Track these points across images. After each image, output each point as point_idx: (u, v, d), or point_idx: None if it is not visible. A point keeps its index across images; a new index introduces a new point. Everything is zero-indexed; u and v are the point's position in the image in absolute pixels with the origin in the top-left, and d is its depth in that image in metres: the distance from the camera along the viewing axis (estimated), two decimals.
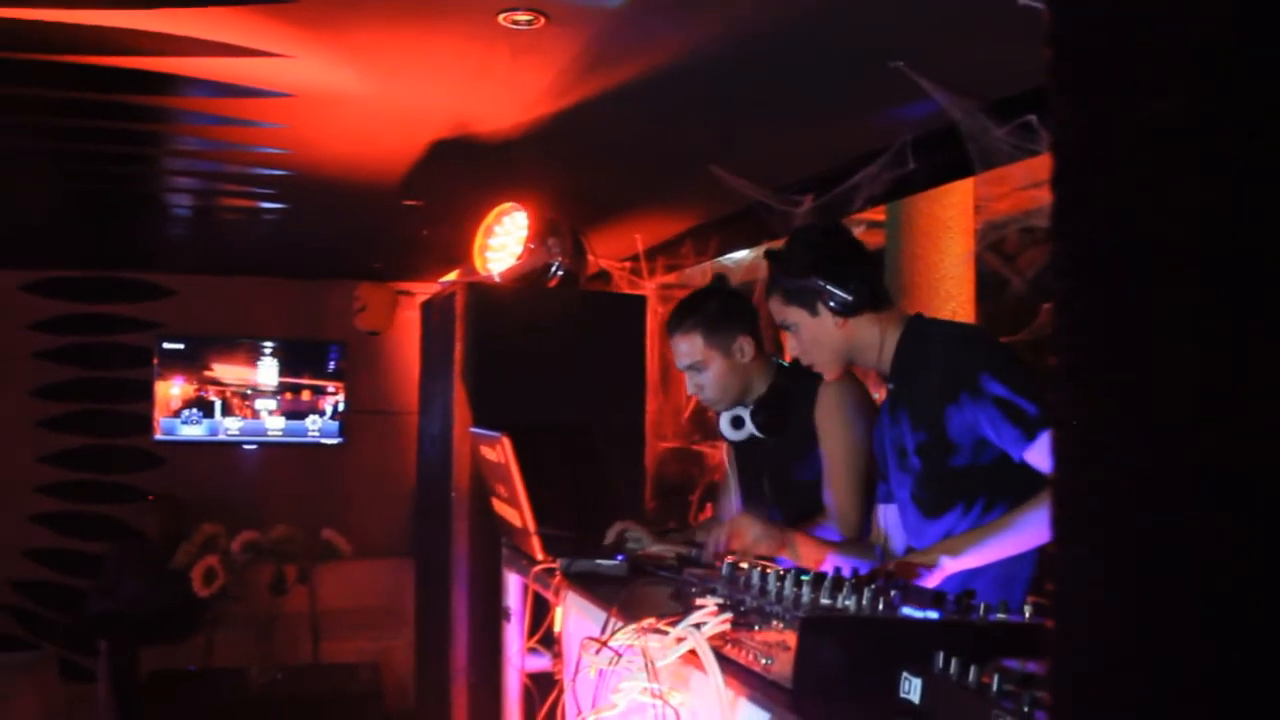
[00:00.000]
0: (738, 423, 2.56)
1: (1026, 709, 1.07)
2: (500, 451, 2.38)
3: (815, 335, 2.14)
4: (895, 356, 2.12)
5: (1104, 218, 0.56)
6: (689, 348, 2.54)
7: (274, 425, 6.31)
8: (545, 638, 2.43)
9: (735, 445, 2.69)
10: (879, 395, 2.70)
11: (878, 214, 4.22)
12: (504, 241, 3.61)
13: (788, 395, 2.49)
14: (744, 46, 2.50)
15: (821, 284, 2.09)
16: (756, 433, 2.52)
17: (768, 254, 2.27)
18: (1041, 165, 3.06)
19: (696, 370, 2.55)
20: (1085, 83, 0.58)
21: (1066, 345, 0.55)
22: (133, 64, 2.72)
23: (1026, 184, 4.84)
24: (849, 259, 2.15)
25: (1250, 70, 0.52)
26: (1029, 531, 1.86)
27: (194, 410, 6.18)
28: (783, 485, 2.56)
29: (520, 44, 2.50)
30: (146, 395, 6.14)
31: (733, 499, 2.72)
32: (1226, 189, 0.53)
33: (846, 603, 1.38)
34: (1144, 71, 0.56)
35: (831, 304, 2.09)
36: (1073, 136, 0.57)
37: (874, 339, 2.13)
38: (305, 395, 6.37)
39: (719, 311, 2.56)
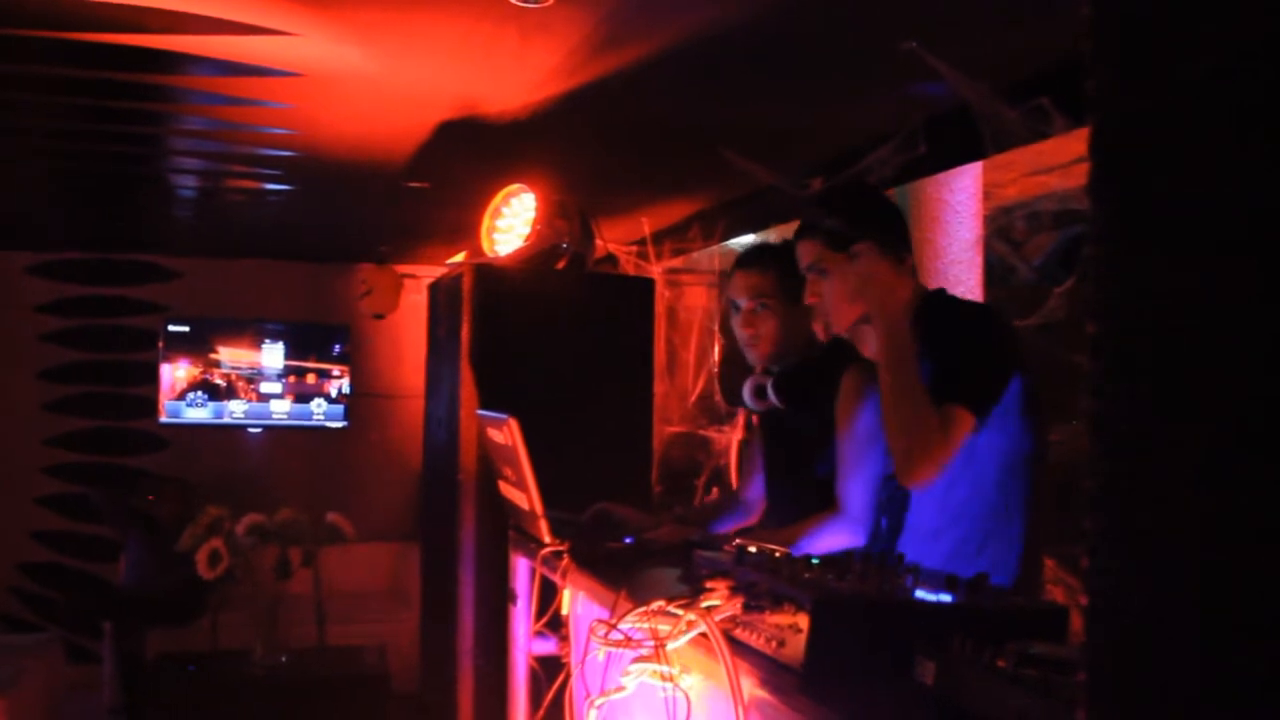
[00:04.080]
0: (760, 392, 2.53)
1: (1040, 691, 1.06)
2: (507, 434, 2.36)
3: (845, 284, 2.10)
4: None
5: (1142, 181, 0.54)
6: (759, 285, 2.52)
7: (279, 408, 6.30)
8: (553, 621, 2.43)
9: (762, 419, 2.68)
10: None
11: None
12: (511, 223, 3.60)
13: (816, 373, 2.46)
14: (754, 27, 2.47)
15: (866, 229, 2.07)
16: (776, 403, 2.49)
17: (818, 194, 2.27)
18: (1050, 150, 3.04)
19: (757, 313, 2.52)
20: (1125, 45, 0.56)
21: (1103, 313, 0.53)
22: (137, 41, 2.70)
23: (1035, 169, 4.81)
24: (893, 215, 2.16)
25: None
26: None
27: (199, 393, 6.18)
28: (798, 471, 2.54)
29: (529, 23, 2.48)
30: (152, 378, 6.14)
31: (755, 476, 2.71)
32: (1267, 152, 0.51)
33: (860, 585, 1.37)
34: (1182, 33, 0.54)
35: (870, 253, 2.06)
36: (1111, 99, 0.55)
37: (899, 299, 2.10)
38: (310, 378, 6.36)
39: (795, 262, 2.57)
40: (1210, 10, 0.52)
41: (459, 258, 5.05)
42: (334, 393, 6.37)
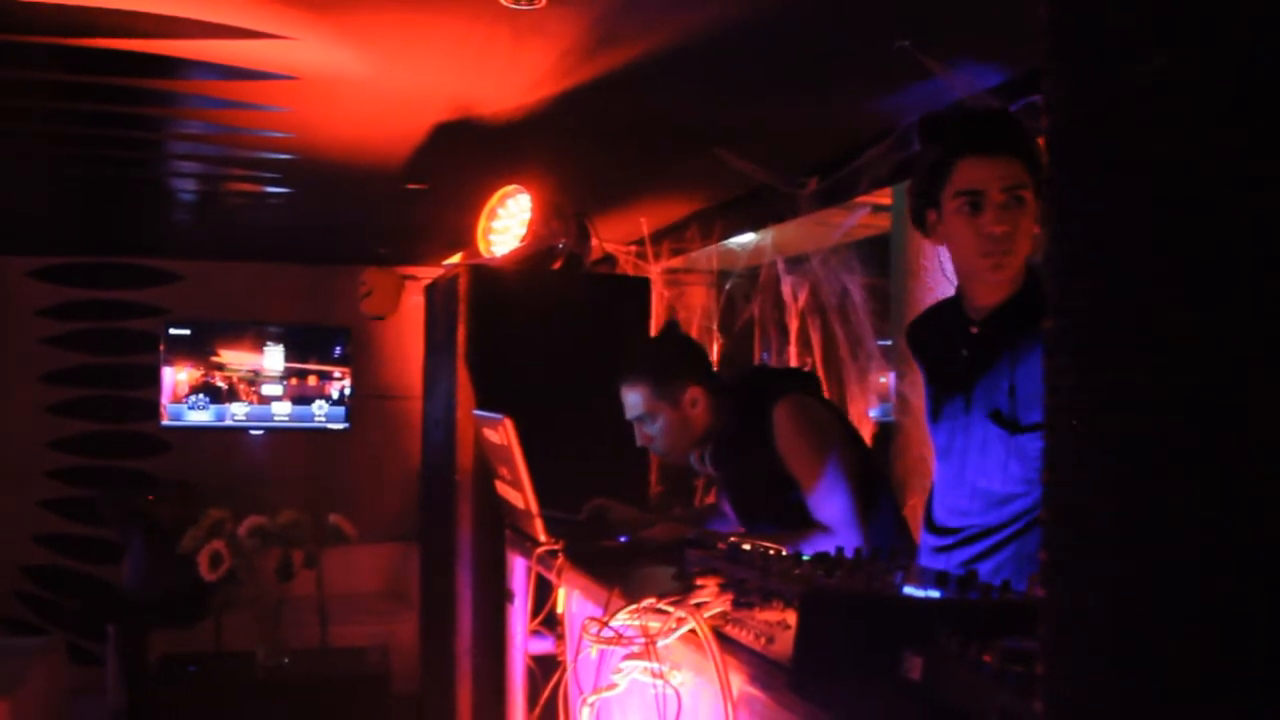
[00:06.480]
0: (703, 459, 2.58)
1: (1028, 686, 1.07)
2: (503, 433, 2.37)
3: (1030, 229, 1.84)
4: (1014, 298, 1.89)
5: (1097, 179, 0.55)
6: (636, 399, 2.51)
7: (280, 410, 6.32)
8: (548, 619, 2.43)
9: (716, 477, 2.69)
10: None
11: (883, 197, 4.20)
12: (507, 224, 3.60)
13: (744, 435, 2.46)
14: (748, 27, 2.48)
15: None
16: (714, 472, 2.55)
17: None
18: (1046, 149, 3.04)
19: (644, 422, 2.52)
20: (1079, 43, 0.57)
21: (1063, 310, 0.54)
22: (134, 46, 2.71)
23: None
24: None
25: (1240, 30, 0.51)
26: None
27: (201, 395, 6.20)
28: (766, 509, 2.54)
29: (522, 25, 2.49)
30: (153, 381, 6.16)
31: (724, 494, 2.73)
32: (1218, 150, 0.52)
33: (848, 582, 1.37)
34: (1135, 31, 0.55)
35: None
36: (1066, 96, 0.56)
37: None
38: (311, 380, 6.37)
39: (669, 362, 2.53)
40: (1159, 8, 0.53)
41: (456, 259, 5.06)
42: (335, 394, 6.39)
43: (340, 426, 6.39)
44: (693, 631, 1.41)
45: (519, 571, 2.64)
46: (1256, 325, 0.50)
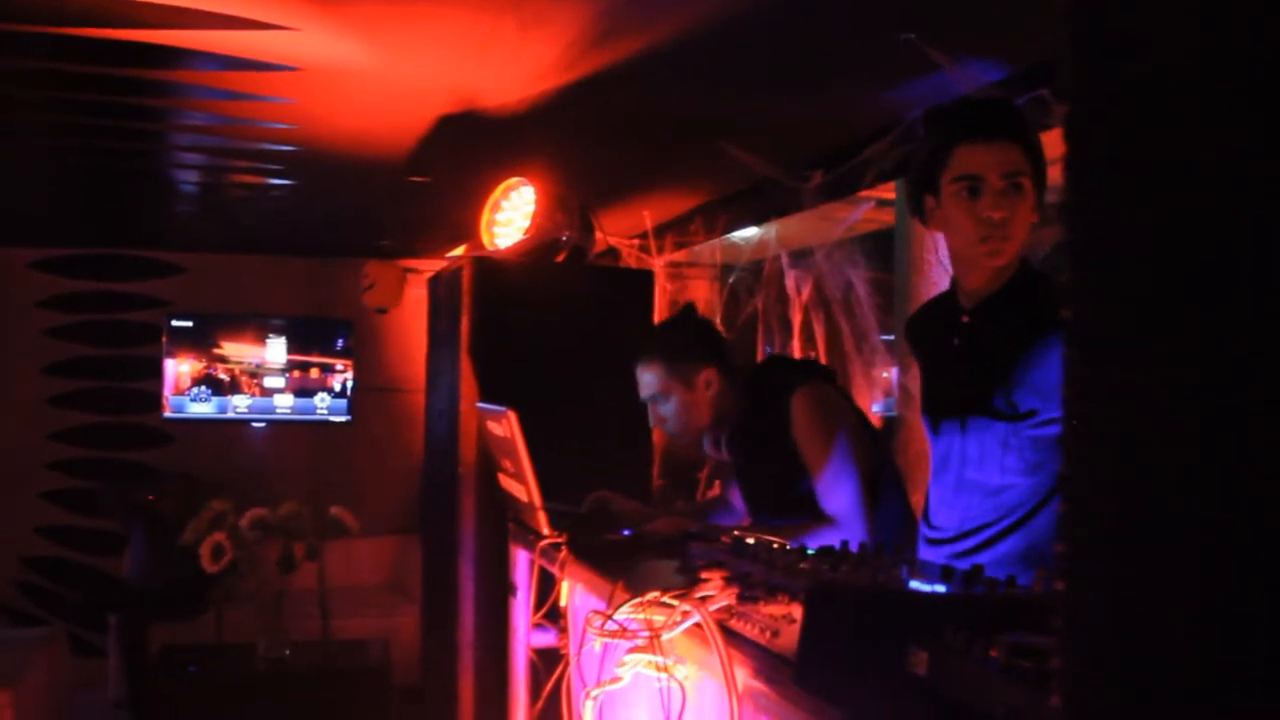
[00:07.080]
0: (717, 443, 2.57)
1: (1034, 682, 1.06)
2: (506, 426, 2.37)
3: (1028, 217, 1.87)
4: (1006, 286, 1.88)
5: (1113, 169, 0.54)
6: (651, 379, 2.52)
7: (282, 403, 6.32)
8: (551, 613, 2.43)
9: (730, 460, 2.68)
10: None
11: (887, 191, 4.19)
12: (511, 216, 3.60)
13: (761, 420, 2.46)
14: (754, 20, 2.47)
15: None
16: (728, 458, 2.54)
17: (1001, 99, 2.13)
18: (1052, 142, 3.03)
19: (658, 402, 2.53)
20: (1097, 32, 0.56)
21: (1079, 299, 0.53)
22: (137, 36, 2.70)
23: None
24: None
25: (1255, 22, 0.50)
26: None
27: (203, 388, 6.19)
28: (772, 498, 2.53)
29: (527, 17, 2.48)
30: (156, 373, 6.16)
31: (734, 482, 2.72)
32: (1243, 138, 0.51)
33: (854, 576, 1.37)
34: (1149, 22, 0.54)
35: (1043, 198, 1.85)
36: (1083, 87, 0.55)
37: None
38: (314, 373, 6.37)
39: (684, 342, 2.53)
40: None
41: (459, 251, 5.05)
42: (337, 387, 6.39)
43: (342, 419, 6.39)
44: (697, 625, 1.41)
45: (522, 565, 2.64)
46: (1258, 325, 0.49)
